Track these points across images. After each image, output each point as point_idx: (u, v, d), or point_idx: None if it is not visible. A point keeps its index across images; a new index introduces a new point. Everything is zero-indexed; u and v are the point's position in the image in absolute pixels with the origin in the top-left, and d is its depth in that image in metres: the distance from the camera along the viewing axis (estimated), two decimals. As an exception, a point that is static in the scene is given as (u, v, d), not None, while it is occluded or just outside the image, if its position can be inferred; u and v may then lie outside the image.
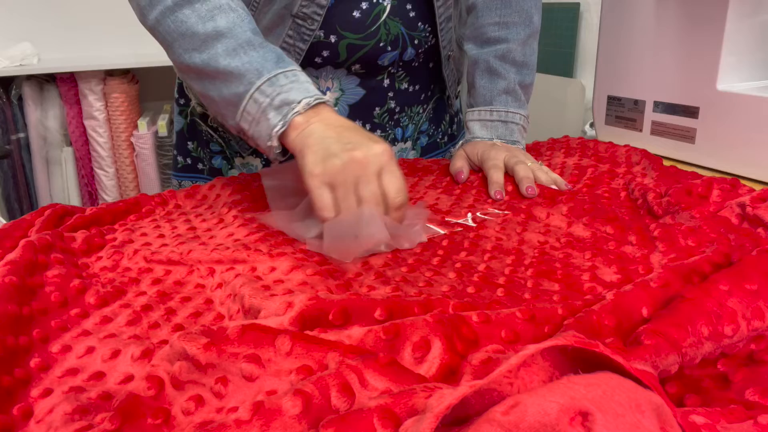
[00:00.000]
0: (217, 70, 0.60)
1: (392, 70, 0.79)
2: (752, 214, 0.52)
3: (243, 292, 0.43)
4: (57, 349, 0.39)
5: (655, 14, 0.88)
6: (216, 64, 0.59)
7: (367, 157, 0.52)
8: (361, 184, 0.52)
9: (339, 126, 0.56)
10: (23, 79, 2.21)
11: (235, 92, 0.59)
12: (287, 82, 0.58)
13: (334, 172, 0.52)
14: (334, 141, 0.54)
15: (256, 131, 0.59)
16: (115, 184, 2.43)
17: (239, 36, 0.59)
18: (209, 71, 0.60)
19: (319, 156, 0.53)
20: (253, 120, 0.59)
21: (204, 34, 0.60)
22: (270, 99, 0.57)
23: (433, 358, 0.34)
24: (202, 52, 0.60)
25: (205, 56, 0.60)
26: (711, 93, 0.82)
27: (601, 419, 0.23)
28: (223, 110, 0.62)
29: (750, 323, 0.36)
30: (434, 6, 0.76)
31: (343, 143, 0.53)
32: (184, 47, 0.61)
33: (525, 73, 0.80)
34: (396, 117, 0.83)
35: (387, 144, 0.54)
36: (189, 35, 0.60)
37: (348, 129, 0.56)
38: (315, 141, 0.54)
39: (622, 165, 0.76)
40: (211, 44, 0.59)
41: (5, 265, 0.44)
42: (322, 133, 0.55)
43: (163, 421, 0.32)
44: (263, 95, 0.58)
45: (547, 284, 0.46)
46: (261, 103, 0.58)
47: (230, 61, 0.59)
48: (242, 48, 0.59)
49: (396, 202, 0.52)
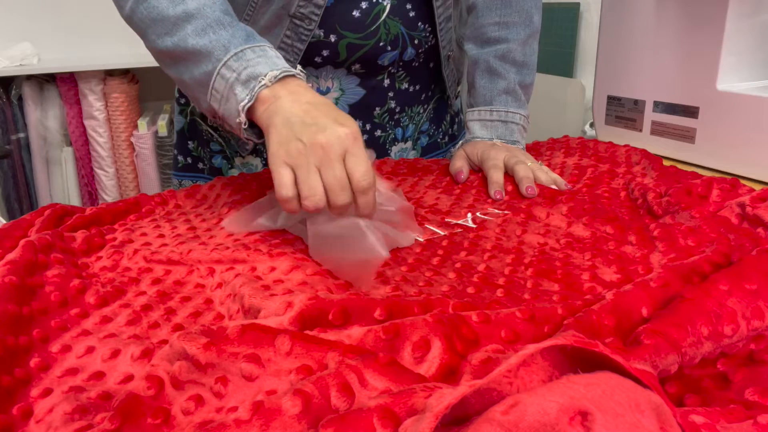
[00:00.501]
0: (186, 51, 0.59)
1: (392, 70, 0.79)
2: (752, 214, 0.52)
3: (243, 291, 0.43)
4: (57, 349, 0.39)
5: (655, 14, 0.88)
6: (185, 44, 0.59)
7: (330, 141, 0.50)
8: (323, 169, 0.50)
9: (307, 102, 0.54)
10: (23, 79, 2.21)
11: (204, 71, 0.58)
12: (254, 57, 0.57)
13: (296, 155, 0.50)
14: (299, 121, 0.52)
15: (226, 109, 0.58)
16: (115, 184, 2.43)
17: (208, 16, 0.59)
18: (180, 53, 0.60)
19: (282, 136, 0.52)
20: (222, 97, 0.58)
21: (174, 17, 0.59)
22: (237, 74, 0.56)
23: (432, 358, 0.34)
24: (173, 35, 0.60)
25: (176, 38, 0.59)
26: (711, 93, 0.82)
27: (601, 419, 0.23)
28: (197, 93, 0.61)
29: (750, 323, 0.36)
30: (434, 9, 0.76)
31: (307, 124, 0.51)
32: (156, 32, 0.61)
33: (525, 73, 0.80)
34: (396, 117, 0.83)
35: (354, 125, 0.52)
36: (160, 20, 0.60)
37: (316, 106, 0.54)
38: (280, 120, 0.53)
39: (622, 165, 0.76)
40: (181, 26, 0.59)
41: (5, 265, 0.44)
42: (288, 110, 0.53)
43: (163, 421, 0.32)
44: (230, 70, 0.57)
45: (546, 284, 0.46)
46: (228, 79, 0.57)
47: (198, 41, 0.58)
48: (211, 27, 0.59)
49: (361, 185, 0.50)
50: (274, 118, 0.53)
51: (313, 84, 0.76)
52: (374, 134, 0.82)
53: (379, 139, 0.83)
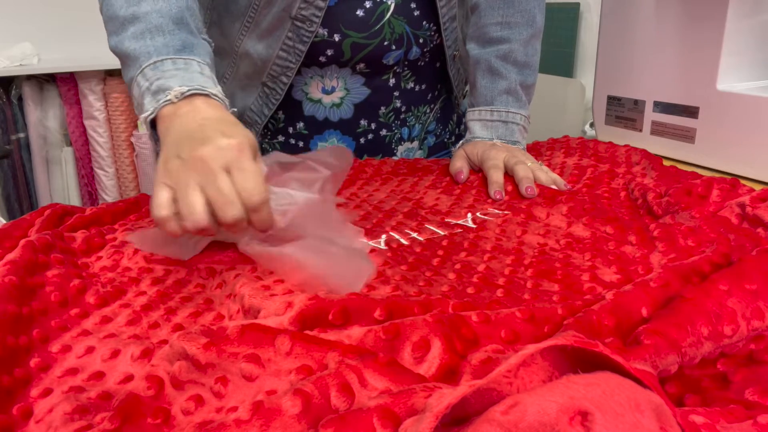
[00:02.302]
0: (121, 53, 0.59)
1: (398, 70, 0.79)
2: (752, 214, 0.52)
3: (243, 292, 0.43)
4: (57, 349, 0.39)
5: (655, 14, 0.88)
6: (122, 46, 0.58)
7: (209, 154, 0.45)
8: (205, 185, 0.45)
9: (204, 119, 0.50)
10: (23, 79, 2.21)
11: (131, 76, 0.58)
12: (172, 68, 0.55)
13: (174, 172, 0.46)
14: (187, 139, 0.48)
15: (141, 117, 0.56)
16: (115, 184, 2.43)
17: (151, 21, 0.57)
18: (118, 53, 0.59)
19: (166, 155, 0.48)
20: (137, 105, 0.56)
21: (123, 18, 0.59)
22: (149, 83, 0.55)
23: (432, 358, 0.34)
24: (117, 35, 0.59)
25: (117, 39, 0.59)
26: (711, 93, 0.82)
27: (601, 419, 0.23)
28: None
29: (750, 323, 0.36)
30: (437, 6, 0.76)
31: (195, 139, 0.47)
32: (108, 30, 0.61)
33: (527, 73, 0.80)
34: (402, 116, 0.83)
35: (245, 136, 0.48)
36: (112, 18, 0.60)
37: (212, 122, 0.50)
38: (171, 139, 0.50)
39: (622, 165, 0.76)
40: (125, 27, 0.58)
41: (5, 265, 0.44)
42: (181, 129, 0.50)
43: (163, 421, 0.32)
44: (144, 79, 0.55)
45: (546, 284, 0.46)
46: (141, 87, 0.55)
47: (132, 44, 0.57)
48: (149, 32, 0.57)
49: (251, 201, 0.45)
50: (166, 137, 0.51)
51: (318, 84, 0.76)
52: (380, 134, 0.82)
53: (384, 139, 0.83)
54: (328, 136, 0.80)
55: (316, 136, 0.80)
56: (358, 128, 0.80)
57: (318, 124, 0.79)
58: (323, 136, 0.80)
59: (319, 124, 0.79)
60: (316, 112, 0.78)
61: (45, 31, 2.33)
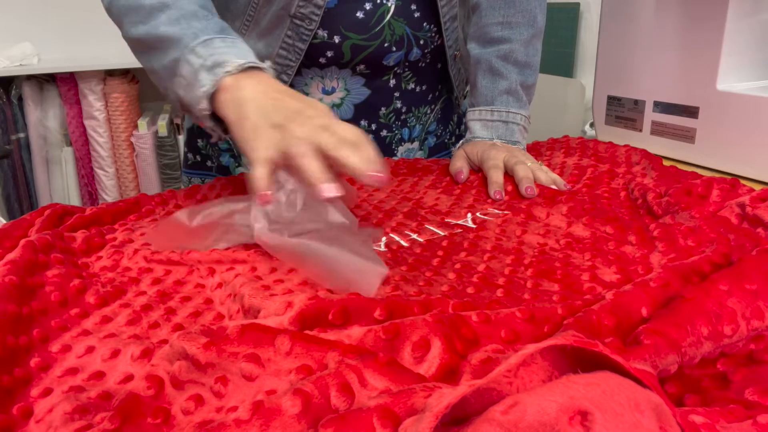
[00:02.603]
0: (157, 38, 0.59)
1: (398, 71, 0.79)
2: (752, 214, 0.52)
3: (243, 291, 0.43)
4: (57, 349, 0.39)
5: (655, 14, 0.88)
6: (156, 31, 0.59)
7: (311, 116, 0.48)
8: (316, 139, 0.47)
9: (276, 90, 0.52)
10: (23, 79, 2.21)
11: (173, 57, 0.58)
12: (223, 45, 0.56)
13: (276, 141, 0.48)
14: (273, 109, 0.50)
15: (191, 97, 0.56)
16: (115, 184, 2.43)
17: (184, 8, 0.59)
18: (150, 40, 0.60)
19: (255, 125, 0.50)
20: (188, 84, 0.56)
21: (149, 6, 0.60)
22: (203, 59, 0.55)
23: (432, 358, 0.34)
24: (146, 23, 0.60)
25: (148, 26, 0.59)
26: (711, 93, 0.82)
27: (601, 419, 0.23)
28: (166, 82, 0.60)
29: (749, 323, 0.36)
30: (438, 6, 0.75)
31: (286, 110, 0.49)
32: (131, 20, 0.61)
33: (527, 73, 0.80)
34: (403, 117, 0.83)
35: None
36: (136, 8, 0.60)
37: (285, 93, 0.52)
38: (251, 111, 0.50)
39: (622, 165, 0.76)
40: (155, 15, 0.59)
41: (5, 265, 0.44)
42: (257, 100, 0.51)
43: (163, 421, 0.32)
44: (197, 56, 0.55)
45: (546, 284, 0.46)
46: (194, 64, 0.55)
47: (170, 28, 0.58)
48: (184, 18, 0.58)
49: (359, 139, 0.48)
50: (242, 108, 0.51)
51: (318, 84, 0.76)
52: (380, 134, 0.82)
53: (385, 140, 0.83)
54: None
55: None
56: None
57: None
58: None
59: None
60: None
61: (45, 31, 2.33)
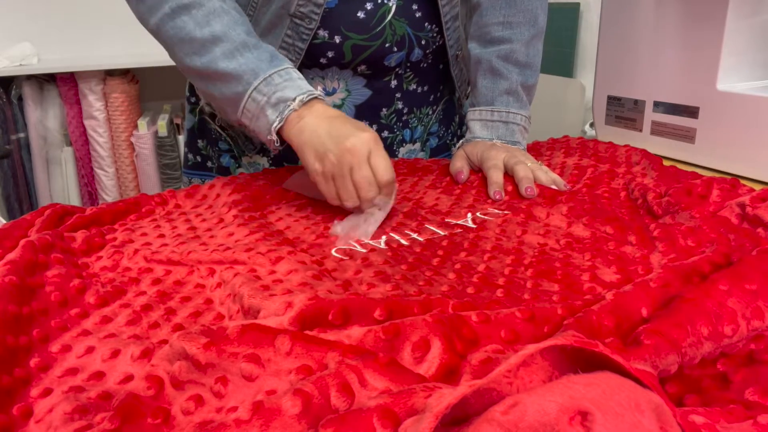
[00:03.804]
0: (216, 72, 0.64)
1: (400, 71, 0.78)
2: (752, 214, 0.52)
3: (242, 291, 0.43)
4: (57, 349, 0.39)
5: (655, 14, 0.88)
6: (216, 66, 0.64)
7: (356, 146, 0.58)
8: (353, 171, 0.58)
9: (328, 117, 0.61)
10: (23, 79, 2.21)
11: (235, 91, 0.64)
12: (281, 81, 0.63)
13: (330, 166, 0.59)
14: (326, 135, 0.60)
15: (257, 126, 0.64)
16: (115, 184, 2.43)
17: (235, 39, 0.64)
18: (209, 73, 0.64)
19: (317, 151, 0.60)
20: (253, 116, 0.64)
21: (202, 39, 0.64)
22: (267, 97, 0.63)
23: (432, 358, 0.34)
24: (202, 56, 0.64)
25: (205, 60, 0.64)
26: (711, 93, 0.82)
27: (601, 419, 0.23)
28: (226, 107, 0.67)
29: (750, 323, 0.36)
30: (439, 6, 0.75)
31: (334, 136, 0.60)
32: (184, 51, 0.65)
33: (528, 74, 0.80)
34: (404, 118, 0.83)
35: (372, 130, 0.60)
36: (188, 40, 0.64)
37: (337, 119, 0.61)
38: (309, 137, 0.61)
39: (622, 165, 0.76)
40: (210, 48, 0.64)
41: (5, 265, 0.44)
42: (314, 127, 0.61)
43: (163, 421, 0.32)
44: (261, 94, 0.63)
45: (546, 284, 0.46)
46: (259, 102, 0.63)
47: (228, 64, 0.64)
48: (238, 50, 0.64)
49: (384, 179, 0.59)
50: (302, 136, 0.61)
51: (319, 84, 0.76)
52: (381, 135, 0.81)
53: (386, 141, 0.82)
54: None
55: None
56: None
57: None
58: None
59: None
60: None
61: (45, 31, 2.33)
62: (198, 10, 0.64)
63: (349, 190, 0.59)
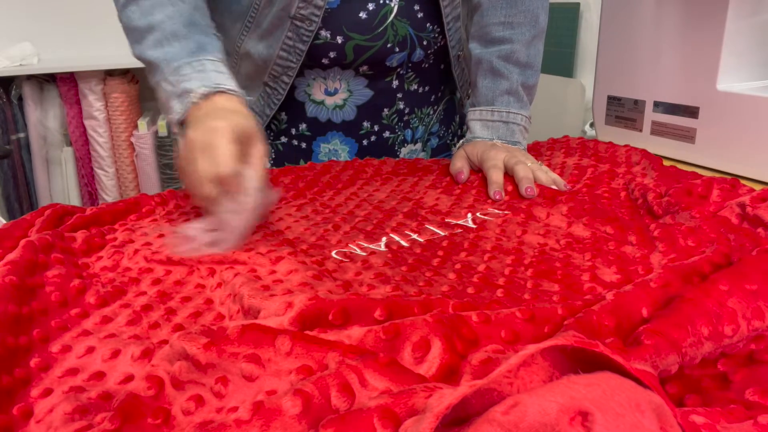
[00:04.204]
0: (145, 61, 0.65)
1: (401, 72, 0.78)
2: (752, 214, 0.52)
3: (242, 291, 0.43)
4: (57, 349, 0.39)
5: (655, 14, 0.88)
6: (145, 55, 0.65)
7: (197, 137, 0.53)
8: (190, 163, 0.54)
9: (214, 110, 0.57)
10: (23, 79, 2.21)
11: (155, 81, 0.65)
12: (191, 72, 0.62)
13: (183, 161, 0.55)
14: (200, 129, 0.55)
15: (169, 119, 0.63)
16: (115, 184, 2.43)
17: (166, 29, 0.64)
18: (144, 61, 0.66)
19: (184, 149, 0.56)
20: (164, 107, 0.64)
21: (141, 28, 0.65)
22: (173, 87, 0.62)
23: (433, 358, 0.34)
24: (140, 44, 0.66)
25: (140, 48, 0.66)
26: (711, 93, 0.82)
27: (601, 419, 0.23)
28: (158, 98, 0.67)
29: (750, 323, 0.36)
30: (440, 7, 0.75)
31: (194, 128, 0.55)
32: (130, 41, 0.67)
33: (528, 74, 0.80)
34: (406, 118, 0.83)
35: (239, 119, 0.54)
36: (131, 29, 0.66)
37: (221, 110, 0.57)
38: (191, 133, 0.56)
39: (622, 165, 0.76)
40: (145, 37, 0.65)
41: (5, 265, 0.44)
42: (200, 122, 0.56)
43: (163, 421, 0.32)
44: (168, 84, 0.62)
45: (546, 284, 0.46)
46: (167, 91, 0.62)
47: (153, 52, 0.64)
48: (166, 39, 0.64)
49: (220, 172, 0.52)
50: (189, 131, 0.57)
51: (321, 85, 0.76)
52: (383, 136, 0.82)
53: (387, 141, 0.82)
54: (330, 138, 0.80)
55: (319, 138, 0.80)
56: (361, 130, 0.80)
57: (321, 126, 0.79)
58: (326, 138, 0.80)
59: (321, 125, 0.79)
60: (318, 113, 0.78)
61: (45, 31, 2.33)
62: (147, 0, 0.65)
63: (191, 186, 0.54)
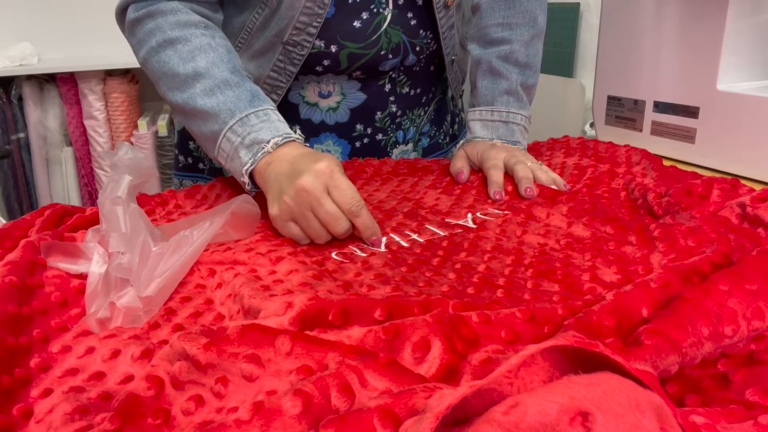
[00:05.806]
0: (195, 109, 0.63)
1: (393, 75, 0.78)
2: (752, 214, 0.52)
3: (243, 292, 0.43)
4: (57, 349, 0.39)
5: (655, 14, 0.88)
6: (194, 103, 0.63)
7: (308, 183, 0.54)
8: (315, 209, 0.54)
9: (292, 157, 0.58)
10: (23, 79, 2.21)
11: (212, 130, 0.62)
12: (257, 122, 0.61)
13: (288, 209, 0.55)
14: (285, 177, 0.56)
15: (231, 167, 0.62)
16: (115, 184, 2.42)
17: (216, 76, 0.63)
18: (189, 109, 0.63)
19: (273, 196, 0.56)
20: (228, 157, 0.62)
21: (184, 75, 0.63)
22: (241, 138, 0.61)
23: (433, 358, 0.34)
24: (183, 92, 0.63)
25: (186, 95, 0.63)
26: (711, 93, 0.82)
27: (601, 419, 0.23)
28: (203, 143, 0.66)
29: (750, 323, 0.36)
30: (435, 17, 0.75)
31: (290, 176, 0.55)
32: (167, 85, 0.65)
33: (528, 74, 0.80)
34: (398, 120, 0.83)
35: (329, 159, 0.56)
36: (171, 75, 0.64)
37: (301, 156, 0.57)
38: (271, 183, 0.57)
39: (622, 165, 0.76)
40: (191, 84, 0.63)
41: (5, 265, 0.44)
42: (276, 171, 0.57)
43: (163, 421, 0.32)
44: (235, 134, 0.61)
45: (547, 284, 0.46)
46: (233, 142, 0.61)
47: (207, 101, 0.62)
48: (218, 88, 0.62)
49: (352, 211, 0.54)
50: (266, 183, 0.58)
51: (315, 88, 0.76)
52: (375, 138, 0.82)
53: (380, 143, 0.83)
54: (324, 139, 0.80)
55: (312, 139, 0.80)
56: (354, 132, 0.80)
57: (314, 128, 0.79)
58: (319, 139, 0.80)
59: (315, 127, 0.79)
60: (312, 115, 0.78)
61: (45, 31, 2.33)
62: (184, 45, 0.63)
63: (316, 228, 0.54)
